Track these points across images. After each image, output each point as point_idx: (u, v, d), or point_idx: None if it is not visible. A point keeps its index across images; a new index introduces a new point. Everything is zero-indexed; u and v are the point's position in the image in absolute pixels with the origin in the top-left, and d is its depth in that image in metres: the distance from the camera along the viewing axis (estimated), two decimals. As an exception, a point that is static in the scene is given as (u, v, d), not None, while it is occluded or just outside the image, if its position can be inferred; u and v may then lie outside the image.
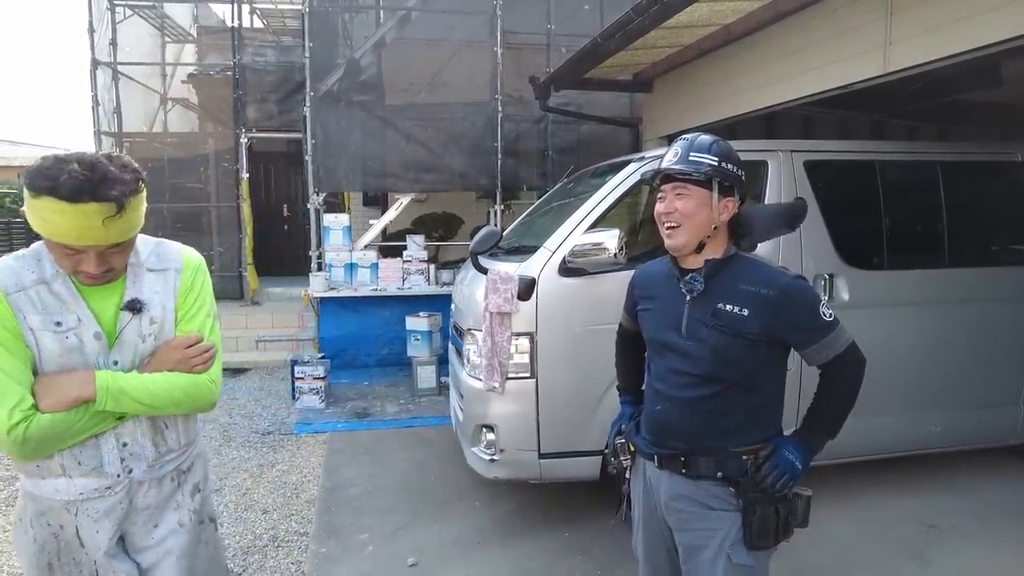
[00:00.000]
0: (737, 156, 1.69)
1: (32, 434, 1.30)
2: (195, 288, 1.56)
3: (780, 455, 1.65)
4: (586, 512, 3.48)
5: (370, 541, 3.26)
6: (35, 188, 1.27)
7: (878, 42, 3.51)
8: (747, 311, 1.62)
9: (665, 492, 1.75)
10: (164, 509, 1.56)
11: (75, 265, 1.36)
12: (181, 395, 1.46)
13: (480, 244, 3.17)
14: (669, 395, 1.74)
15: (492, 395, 3.13)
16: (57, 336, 1.38)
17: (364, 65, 6.91)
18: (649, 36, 4.70)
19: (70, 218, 1.27)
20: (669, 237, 1.69)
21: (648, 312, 1.85)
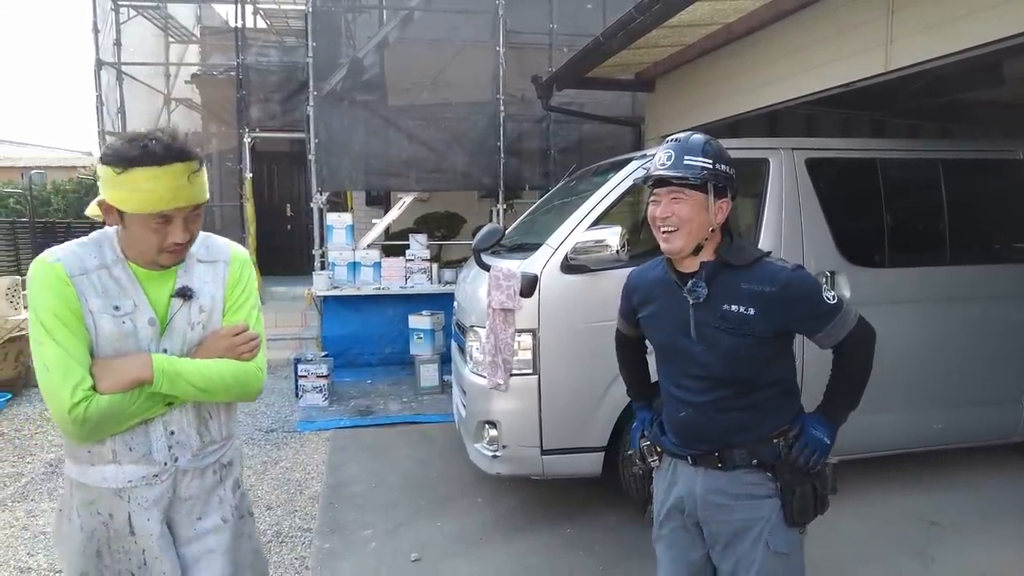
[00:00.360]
0: (728, 155, 1.69)
1: (91, 414, 1.33)
2: (242, 280, 1.60)
3: (808, 434, 1.68)
4: (588, 508, 3.49)
5: (373, 537, 3.28)
6: (124, 162, 1.32)
7: (879, 40, 3.52)
8: (753, 310, 1.63)
9: (701, 487, 1.75)
10: (207, 502, 1.57)
11: (163, 239, 1.40)
12: (231, 380, 1.49)
13: (483, 241, 3.19)
14: (691, 401, 1.74)
15: (495, 391, 3.14)
16: (115, 320, 1.41)
17: (367, 65, 6.94)
18: (651, 35, 4.71)
19: (162, 181, 1.33)
20: (666, 241, 1.68)
21: (652, 318, 1.84)
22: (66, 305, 1.36)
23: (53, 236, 11.10)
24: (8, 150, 24.26)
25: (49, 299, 1.35)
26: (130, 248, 1.45)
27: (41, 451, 4.52)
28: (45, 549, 3.17)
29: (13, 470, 4.17)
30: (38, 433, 4.91)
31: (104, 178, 1.35)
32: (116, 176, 1.33)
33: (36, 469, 4.18)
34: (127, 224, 1.39)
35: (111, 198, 1.36)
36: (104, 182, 1.36)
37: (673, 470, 1.83)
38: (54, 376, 1.32)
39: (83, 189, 15.21)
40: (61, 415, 1.32)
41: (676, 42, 5.25)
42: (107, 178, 1.35)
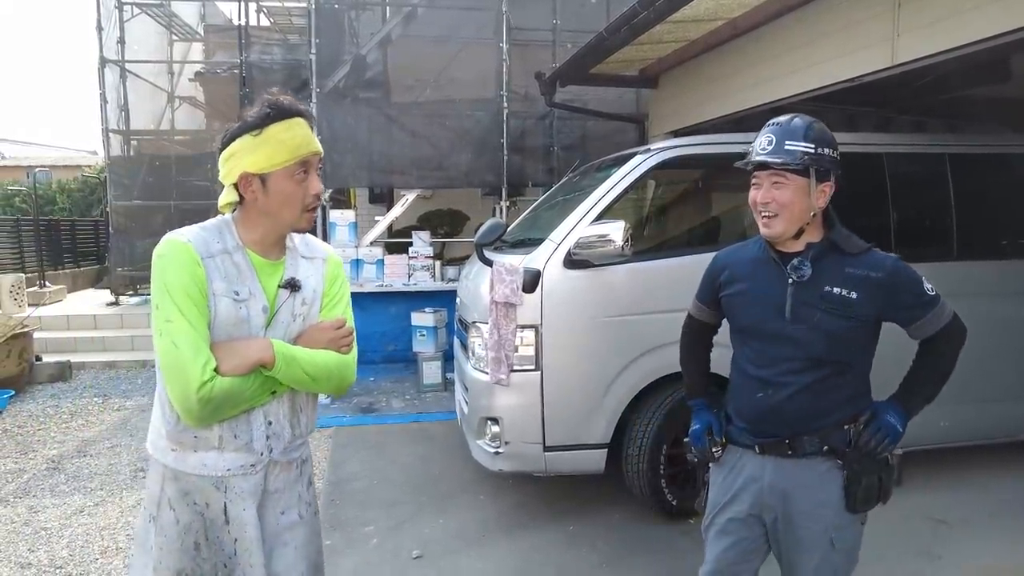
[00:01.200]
0: (833, 138, 1.67)
1: (216, 394, 1.34)
2: (339, 278, 1.65)
3: (882, 419, 1.68)
4: (591, 505, 3.47)
5: (375, 534, 3.27)
6: (261, 122, 1.40)
7: (885, 35, 3.49)
8: (856, 294, 1.64)
9: (770, 477, 1.75)
10: (289, 496, 1.59)
11: (305, 193, 1.46)
12: (335, 370, 1.53)
13: (485, 236, 3.16)
14: (772, 381, 1.72)
15: (497, 387, 3.12)
16: (234, 305, 1.43)
17: (370, 62, 6.92)
18: (655, 31, 4.68)
19: (296, 130, 1.43)
20: (767, 226, 1.68)
21: (740, 298, 1.81)
22: (197, 285, 1.38)
23: (57, 234, 11.14)
24: (14, 149, 24.37)
25: (183, 277, 1.37)
26: (259, 226, 1.49)
27: (43, 447, 4.52)
28: (46, 545, 3.16)
29: (15, 466, 4.17)
30: (40, 430, 4.91)
31: (240, 150, 1.41)
32: (255, 139, 1.40)
33: (38, 465, 4.18)
34: (269, 189, 1.44)
35: (253, 164, 1.41)
36: (241, 154, 1.41)
37: (738, 460, 1.83)
38: (184, 353, 1.33)
39: (88, 188, 15.30)
40: (187, 393, 1.32)
41: (680, 38, 5.22)
42: (244, 147, 1.41)
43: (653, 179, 3.47)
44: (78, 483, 3.89)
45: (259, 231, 1.49)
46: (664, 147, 3.29)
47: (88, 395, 5.90)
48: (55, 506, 3.58)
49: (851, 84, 3.89)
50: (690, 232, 3.62)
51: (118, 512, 3.48)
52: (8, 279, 8.38)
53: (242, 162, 1.41)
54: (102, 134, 8.54)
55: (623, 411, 3.16)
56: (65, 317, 8.13)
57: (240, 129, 1.42)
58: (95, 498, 3.67)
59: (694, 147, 3.33)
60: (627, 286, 3.12)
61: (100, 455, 4.36)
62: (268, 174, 1.42)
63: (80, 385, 6.27)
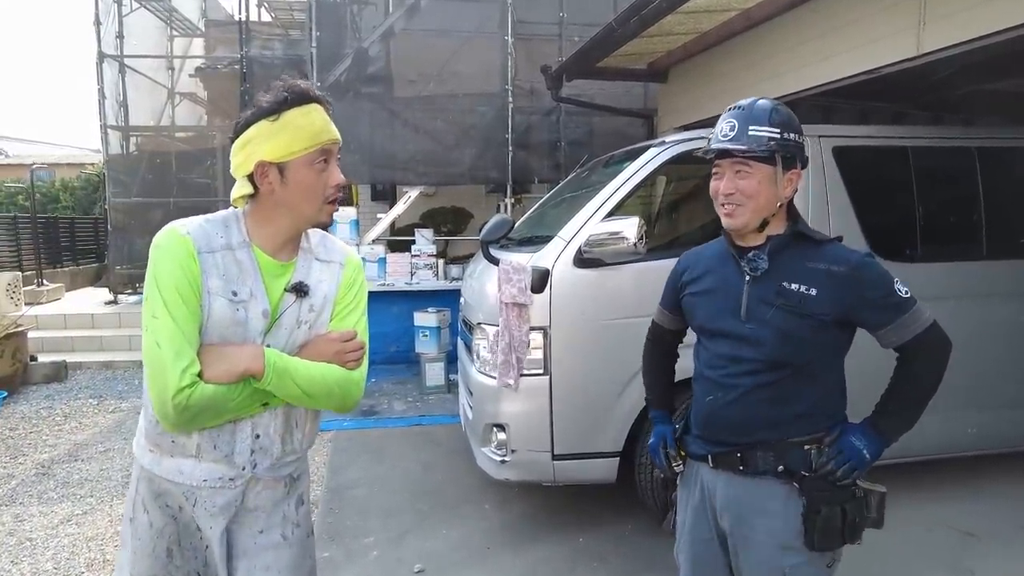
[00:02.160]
0: (797, 122, 1.52)
1: (194, 402, 1.24)
2: (355, 285, 1.52)
3: (845, 440, 1.50)
4: (601, 516, 3.31)
5: (375, 545, 3.12)
6: (277, 107, 1.30)
7: (911, 22, 3.33)
8: (815, 290, 1.48)
9: (721, 494, 1.59)
10: (271, 515, 1.46)
11: (325, 183, 1.36)
12: (335, 387, 1.40)
13: (491, 233, 3.01)
14: (723, 383, 1.57)
15: (503, 393, 2.97)
16: (230, 305, 1.32)
17: (372, 56, 6.78)
18: (665, 22, 4.53)
19: (314, 115, 1.33)
20: (730, 216, 1.54)
21: (698, 297, 1.68)
22: (189, 282, 1.28)
23: (56, 232, 11.03)
24: (18, 147, 24.32)
25: (175, 272, 1.27)
26: (273, 221, 1.38)
27: (34, 451, 4.39)
28: (30, 557, 3.02)
29: (4, 471, 4.03)
30: (32, 432, 4.78)
31: (257, 136, 1.30)
32: (272, 125, 1.30)
33: (27, 471, 4.04)
34: (288, 179, 1.33)
35: (270, 151, 1.30)
36: (258, 140, 1.31)
37: (695, 474, 1.69)
38: (165, 354, 1.23)
39: (91, 186, 15.20)
40: (163, 398, 1.23)
41: (691, 29, 5.06)
42: (261, 133, 1.30)
43: (667, 174, 3.31)
44: (67, 489, 3.75)
45: (272, 226, 1.38)
46: (679, 140, 3.13)
47: (83, 396, 5.77)
48: (42, 514, 3.43)
49: (870, 76, 3.73)
50: (706, 229, 3.45)
51: (107, 521, 3.34)
52: (5, 277, 8.26)
53: (259, 150, 1.30)
54: (100, 131, 8.41)
55: (636, 418, 3.00)
56: (62, 316, 8.01)
57: (255, 115, 1.31)
58: (84, 506, 3.53)
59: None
60: (641, 286, 2.95)
61: (92, 459, 4.22)
62: (287, 162, 1.31)
63: (75, 386, 6.14)
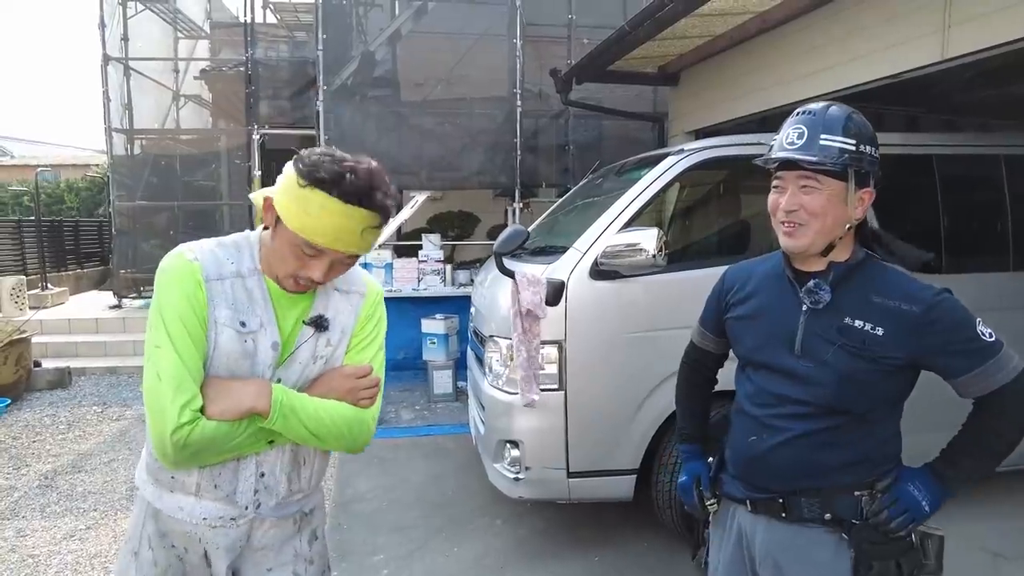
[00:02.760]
0: (873, 132, 1.35)
1: (193, 440, 1.16)
2: (374, 317, 1.44)
3: (902, 488, 1.34)
4: (617, 533, 3.23)
5: (385, 564, 3.03)
6: (313, 180, 1.17)
7: (935, 26, 3.24)
8: (882, 330, 1.31)
9: (761, 542, 1.44)
10: (280, 552, 1.39)
11: (299, 268, 1.24)
12: (344, 428, 1.31)
13: (505, 244, 2.92)
14: (769, 424, 1.42)
15: (516, 408, 2.88)
16: (238, 337, 1.25)
17: (379, 59, 6.71)
18: (679, 25, 4.44)
19: (336, 218, 1.17)
20: (790, 237, 1.36)
21: (745, 322, 1.51)
22: (194, 312, 1.21)
23: (60, 235, 10.98)
24: (23, 148, 24.34)
25: (180, 301, 1.21)
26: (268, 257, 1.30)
27: (38, 461, 4.32)
28: (32, 574, 2.94)
29: (6, 483, 3.96)
30: (36, 442, 4.71)
31: (286, 181, 1.21)
32: (296, 186, 1.18)
33: (30, 482, 3.97)
34: (277, 233, 1.24)
35: (279, 202, 1.21)
36: (281, 185, 1.22)
37: (730, 517, 1.54)
38: (165, 388, 1.16)
39: (96, 187, 15.17)
40: (162, 435, 1.16)
41: (704, 32, 4.97)
42: (288, 183, 1.20)
43: (686, 182, 3.22)
44: (71, 503, 3.67)
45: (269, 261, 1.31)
46: (699, 147, 3.04)
47: (87, 403, 5.70)
48: (45, 529, 3.36)
49: (891, 81, 3.64)
50: (728, 240, 3.37)
51: (111, 538, 3.26)
52: (9, 281, 8.20)
53: (278, 189, 1.22)
54: (105, 133, 8.35)
55: (654, 434, 2.91)
56: (66, 321, 7.95)
57: (300, 164, 1.19)
58: (87, 520, 3.45)
59: (732, 147, 3.08)
60: (659, 299, 2.87)
61: (95, 471, 4.15)
62: (282, 221, 1.21)
63: (79, 392, 6.07)
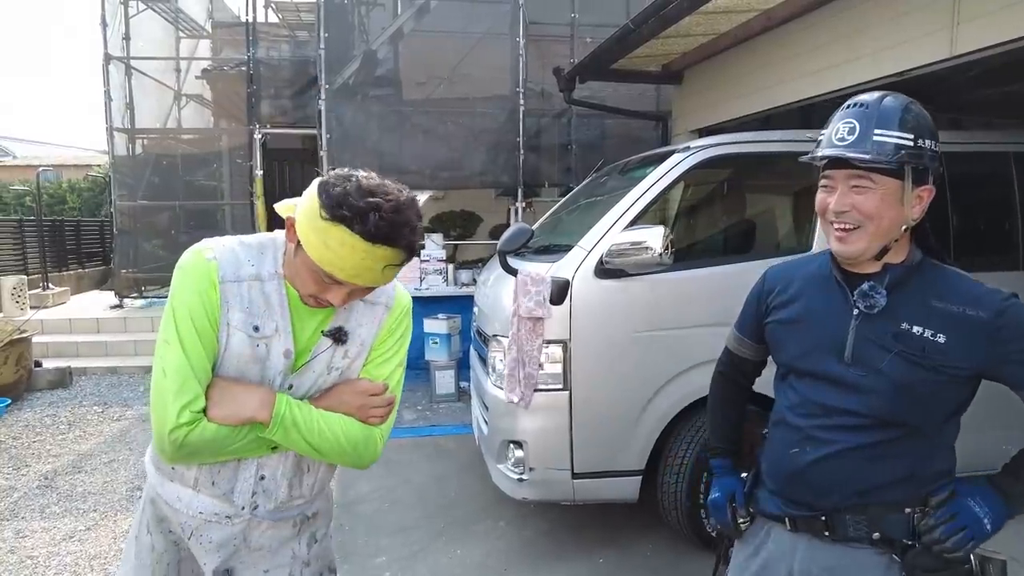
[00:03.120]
0: (933, 125, 1.23)
1: (191, 441, 1.15)
2: (397, 332, 1.37)
3: (961, 503, 1.22)
4: (622, 535, 3.19)
5: (387, 566, 3.00)
6: (336, 216, 1.08)
7: (944, 23, 3.20)
8: (944, 337, 1.20)
9: (801, 561, 1.33)
10: (278, 554, 1.35)
11: (320, 291, 1.19)
12: (348, 447, 1.26)
13: (509, 243, 2.89)
14: (814, 436, 1.31)
15: (520, 408, 2.85)
16: (250, 341, 1.22)
17: (381, 58, 6.68)
18: (683, 23, 4.41)
19: (358, 256, 1.10)
20: (842, 242, 1.25)
21: (788, 327, 1.40)
22: (206, 312, 1.18)
23: (61, 235, 10.97)
24: (25, 148, 24.35)
25: (193, 300, 1.18)
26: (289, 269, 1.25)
27: (38, 462, 4.29)
28: (31, 576, 2.92)
29: (6, 483, 3.94)
30: (36, 442, 4.68)
31: (308, 206, 1.12)
32: (321, 219, 1.09)
33: (30, 483, 3.94)
34: (298, 255, 1.18)
35: (300, 227, 1.14)
36: (306, 208, 1.13)
37: (763, 536, 1.43)
38: (168, 386, 1.15)
39: (97, 187, 15.16)
40: (161, 431, 1.15)
41: (709, 30, 4.93)
42: (311, 210, 1.11)
43: (692, 180, 3.19)
44: (70, 503, 3.64)
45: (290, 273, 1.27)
46: (706, 145, 3.01)
47: (88, 403, 5.67)
48: (44, 530, 3.33)
49: (898, 79, 3.60)
50: (735, 238, 3.34)
51: (110, 539, 3.23)
52: (10, 281, 8.18)
53: (301, 211, 1.14)
54: (106, 133, 8.33)
55: (659, 435, 2.88)
56: (67, 320, 7.92)
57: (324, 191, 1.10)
58: (87, 521, 3.42)
59: (739, 145, 3.05)
60: (665, 298, 2.84)
61: (96, 471, 4.12)
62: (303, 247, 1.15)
63: (80, 392, 6.05)
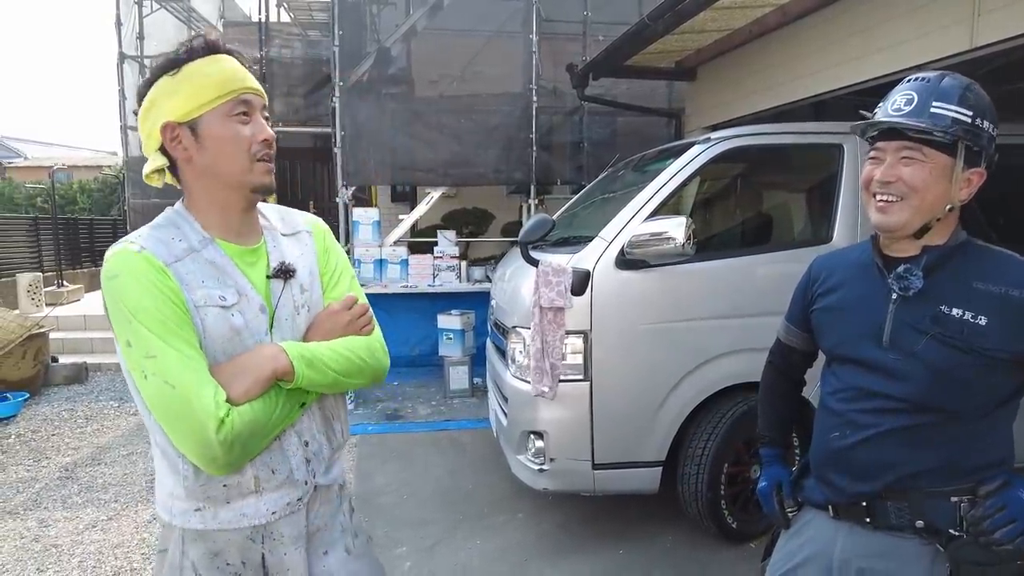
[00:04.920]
0: (994, 110, 1.21)
1: (240, 430, 1.05)
2: (332, 249, 1.37)
3: (1012, 494, 1.17)
4: (642, 527, 3.19)
5: (408, 556, 3.01)
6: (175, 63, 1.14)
7: (964, 14, 3.20)
8: (986, 319, 1.18)
9: (842, 549, 1.32)
10: (331, 530, 1.32)
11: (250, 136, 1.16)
12: (367, 357, 1.25)
13: (531, 233, 2.90)
14: (853, 420, 1.30)
15: (541, 399, 2.86)
16: (224, 314, 1.13)
17: (394, 55, 6.70)
18: (698, 18, 4.41)
19: (223, 64, 1.16)
20: (883, 212, 1.23)
21: (830, 314, 1.40)
22: (171, 303, 1.08)
23: (75, 233, 11.05)
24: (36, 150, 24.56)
25: (148, 299, 1.06)
26: (212, 199, 1.18)
27: (57, 454, 4.33)
28: (56, 564, 2.94)
29: (27, 474, 3.97)
30: (55, 435, 4.72)
31: (159, 96, 1.14)
32: (172, 79, 1.13)
33: (51, 474, 3.98)
34: (202, 138, 1.14)
35: (174, 109, 1.12)
36: (160, 101, 1.14)
37: (806, 522, 1.43)
38: (187, 391, 1.03)
39: (108, 188, 15.28)
40: (205, 439, 1.03)
41: (723, 26, 4.93)
42: (162, 91, 1.14)
43: (713, 171, 3.20)
44: (91, 494, 3.68)
45: (215, 207, 1.18)
46: (726, 136, 3.01)
47: (104, 398, 5.72)
48: (67, 519, 3.36)
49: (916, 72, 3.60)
50: (758, 230, 3.34)
51: (132, 528, 3.26)
52: (26, 278, 8.26)
53: (162, 111, 1.13)
54: (120, 131, 8.40)
55: (680, 425, 2.89)
56: (82, 317, 7.99)
57: (153, 73, 1.15)
58: (109, 511, 3.45)
59: (759, 136, 3.05)
60: (686, 289, 2.85)
61: (115, 463, 4.15)
62: (198, 119, 1.13)
63: (96, 388, 6.09)
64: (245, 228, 1.22)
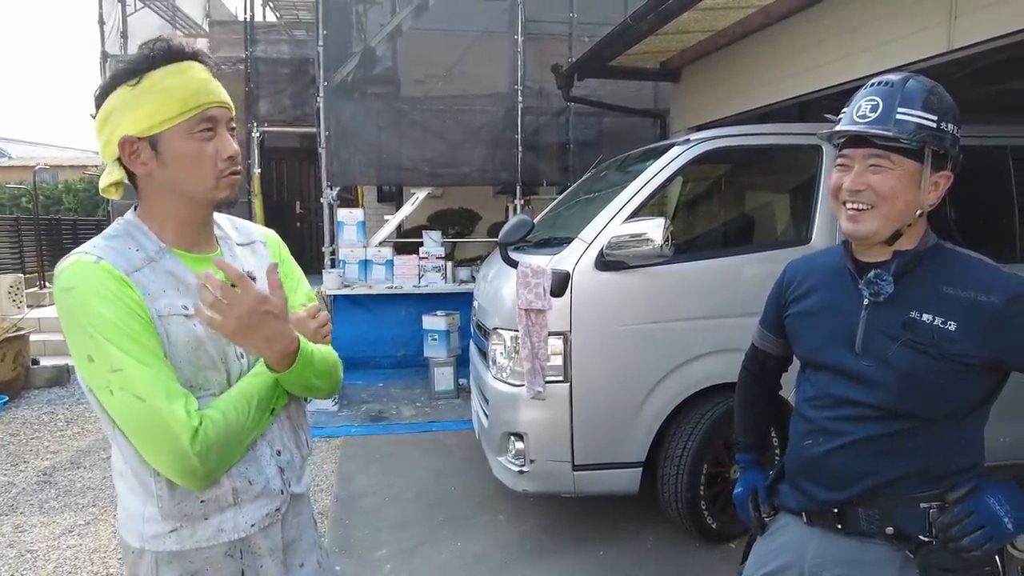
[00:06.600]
0: (956, 110, 1.22)
1: (213, 438, 1.03)
2: (286, 259, 1.37)
3: (980, 501, 1.16)
4: (621, 527, 3.20)
5: (388, 559, 3.00)
6: (135, 72, 1.08)
7: (941, 17, 3.22)
8: (955, 324, 1.17)
9: (813, 557, 1.32)
10: (302, 541, 1.31)
11: (216, 155, 1.12)
12: (334, 367, 1.28)
13: (510, 234, 2.89)
14: (825, 428, 1.30)
15: (521, 400, 2.85)
16: (187, 323, 1.10)
17: (379, 55, 6.68)
18: (681, 19, 4.42)
19: (187, 75, 1.09)
20: (854, 221, 1.23)
21: (803, 319, 1.39)
22: (133, 313, 1.04)
23: (59, 234, 10.94)
24: (21, 149, 24.29)
25: (110, 311, 1.02)
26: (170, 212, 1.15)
27: (36, 458, 4.28)
28: (31, 570, 2.91)
29: (4, 479, 3.92)
30: (34, 438, 4.67)
31: (118, 107, 1.08)
32: (133, 91, 1.07)
33: (28, 478, 3.93)
34: (164, 155, 1.09)
35: (134, 123, 1.07)
36: (119, 112, 1.08)
37: (780, 528, 1.44)
38: (156, 403, 1.00)
39: (93, 188, 15.13)
40: (180, 451, 1.01)
41: (707, 27, 4.95)
42: (122, 102, 1.07)
43: (692, 173, 3.20)
44: (69, 498, 3.63)
45: (174, 220, 1.15)
46: (705, 138, 3.02)
47: (85, 401, 5.63)
48: (43, 524, 3.32)
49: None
50: (735, 231, 3.35)
51: (109, 533, 3.23)
52: (7, 279, 8.16)
53: (121, 123, 1.07)
54: (104, 131, 8.32)
55: (659, 426, 2.89)
56: (65, 319, 7.90)
57: (112, 79, 1.08)
58: (86, 515, 3.41)
59: (739, 138, 3.06)
60: (665, 290, 2.85)
61: (94, 467, 4.11)
62: (158, 135, 1.08)
63: (77, 390, 6.02)
64: (201, 238, 1.20)
